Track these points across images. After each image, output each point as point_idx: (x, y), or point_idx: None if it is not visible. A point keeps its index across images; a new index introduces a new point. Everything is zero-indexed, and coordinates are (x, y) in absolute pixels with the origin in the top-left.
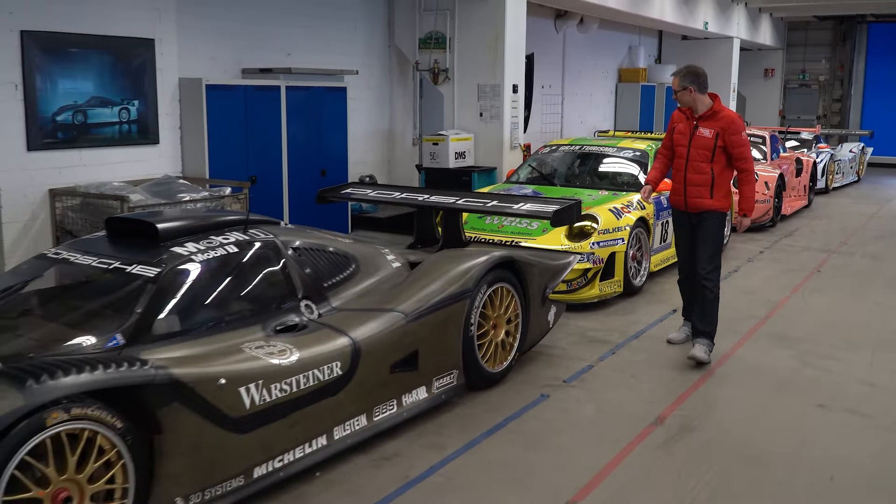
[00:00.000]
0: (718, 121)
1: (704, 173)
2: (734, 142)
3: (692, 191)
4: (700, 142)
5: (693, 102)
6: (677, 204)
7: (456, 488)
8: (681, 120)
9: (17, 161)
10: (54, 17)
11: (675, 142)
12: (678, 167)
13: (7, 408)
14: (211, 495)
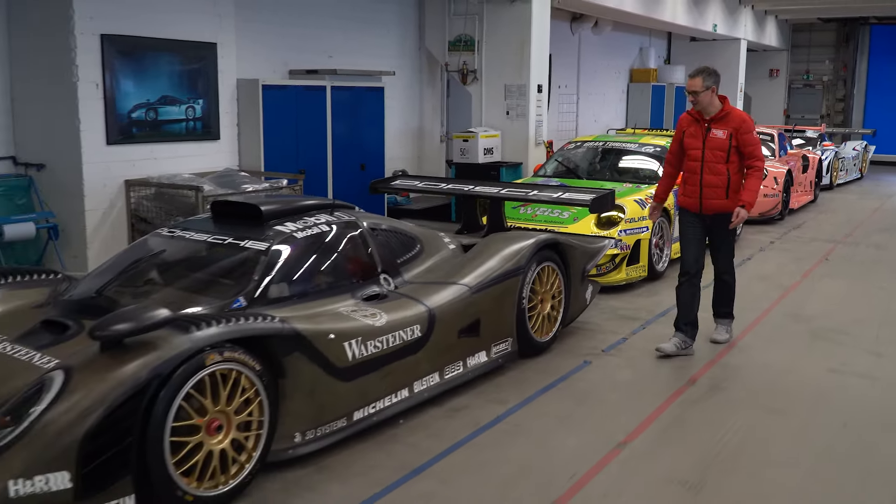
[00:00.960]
0: (730, 121)
1: (721, 174)
2: (747, 140)
3: (709, 192)
4: (715, 143)
5: (709, 104)
6: (690, 206)
7: (521, 433)
8: (690, 123)
9: (97, 154)
10: (130, 22)
11: (686, 146)
12: (692, 170)
13: (177, 349)
14: (321, 433)
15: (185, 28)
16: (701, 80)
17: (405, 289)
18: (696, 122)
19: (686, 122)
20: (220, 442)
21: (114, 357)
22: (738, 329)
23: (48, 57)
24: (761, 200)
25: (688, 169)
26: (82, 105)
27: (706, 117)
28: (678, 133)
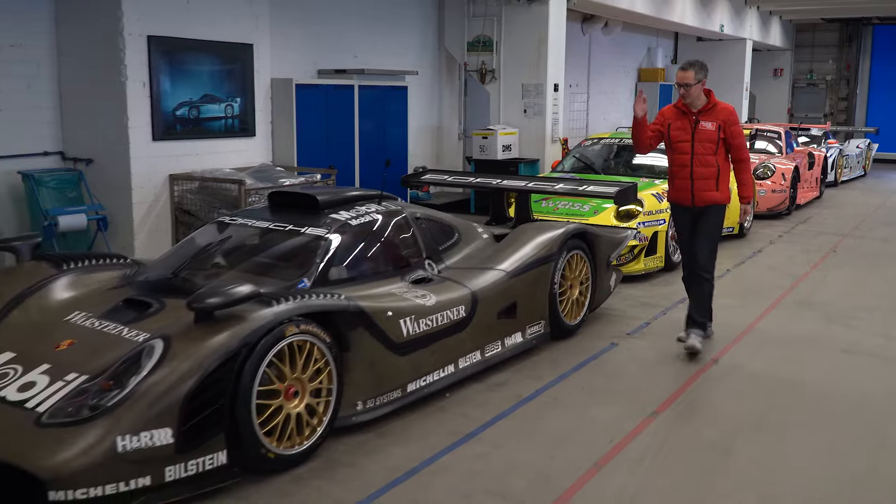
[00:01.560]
0: (718, 113)
1: (711, 166)
2: (734, 132)
3: (700, 184)
4: (704, 135)
5: (697, 97)
6: (682, 200)
7: (559, 405)
8: (675, 117)
9: (144, 150)
10: (174, 24)
11: (673, 139)
12: (682, 163)
13: (261, 321)
14: (380, 402)
15: (225, 30)
16: (693, 73)
17: (447, 273)
18: (684, 115)
19: (672, 115)
20: (296, 406)
21: (208, 327)
22: (754, 314)
23: (97, 57)
24: (769, 196)
25: (677, 163)
26: (130, 103)
27: (694, 110)
28: (659, 122)
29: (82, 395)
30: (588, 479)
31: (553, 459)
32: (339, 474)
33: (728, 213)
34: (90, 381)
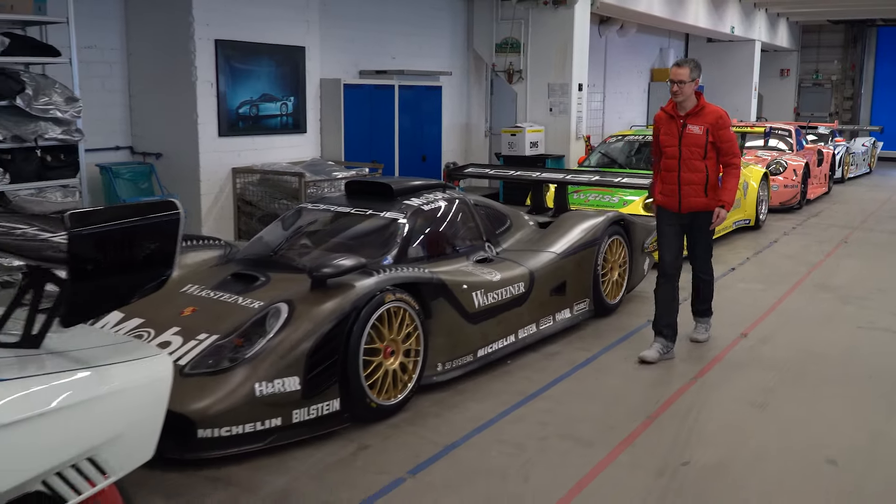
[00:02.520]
0: (706, 116)
1: (699, 171)
2: (724, 136)
3: (687, 190)
4: (691, 139)
5: (688, 98)
6: (669, 206)
7: (609, 371)
8: (665, 120)
9: (211, 145)
10: (237, 29)
11: (662, 143)
12: (670, 168)
13: (367, 288)
14: (455, 365)
15: (280, 33)
16: (688, 70)
17: (505, 255)
18: (671, 118)
19: (661, 119)
20: (392, 364)
21: (323, 293)
22: (776, 295)
23: (169, 59)
24: (782, 191)
25: (665, 167)
26: (200, 102)
27: (681, 113)
28: (656, 131)
29: (218, 350)
30: (645, 428)
31: (611, 413)
32: (428, 423)
33: (743, 206)
34: (221, 339)
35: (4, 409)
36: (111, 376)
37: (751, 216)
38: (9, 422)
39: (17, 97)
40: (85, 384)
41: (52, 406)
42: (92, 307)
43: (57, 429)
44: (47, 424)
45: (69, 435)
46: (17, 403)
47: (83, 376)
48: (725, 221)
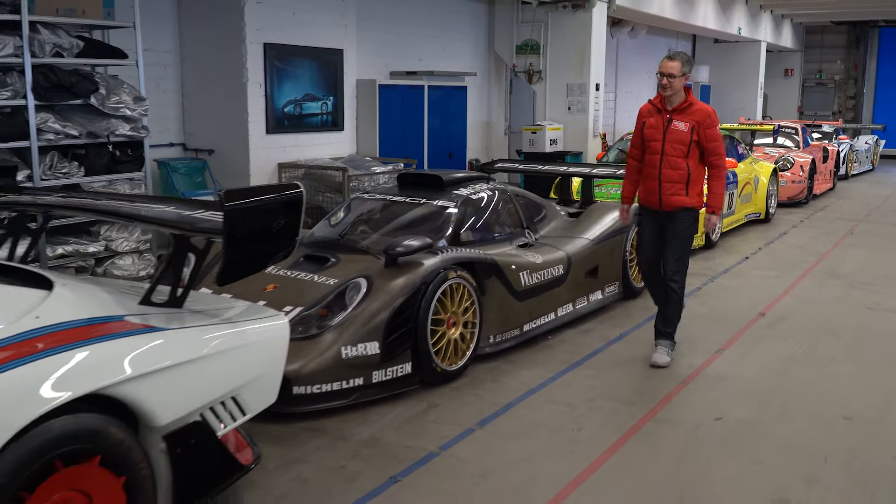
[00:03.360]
0: (693, 114)
1: (680, 169)
2: (710, 136)
3: (667, 187)
4: (675, 136)
5: (677, 92)
6: (650, 203)
7: (642, 344)
8: (651, 114)
9: (260, 141)
10: (283, 33)
11: (646, 136)
12: (651, 163)
13: (433, 266)
14: (505, 337)
15: (322, 37)
16: (679, 64)
17: (543, 241)
18: (658, 112)
19: (647, 112)
20: (454, 334)
21: (396, 270)
22: (789, 281)
23: (221, 62)
24: (790, 186)
25: (647, 163)
26: (250, 101)
27: (669, 108)
28: (639, 125)
29: (305, 319)
30: (679, 391)
31: (648, 379)
32: (486, 386)
33: (754, 199)
34: (306, 310)
35: (178, 350)
36: (247, 332)
37: (761, 210)
38: (180, 361)
39: (91, 96)
40: (230, 337)
41: (208, 351)
42: (241, 269)
43: (212, 370)
44: (205, 366)
45: (220, 376)
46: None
47: (228, 331)
48: (737, 214)
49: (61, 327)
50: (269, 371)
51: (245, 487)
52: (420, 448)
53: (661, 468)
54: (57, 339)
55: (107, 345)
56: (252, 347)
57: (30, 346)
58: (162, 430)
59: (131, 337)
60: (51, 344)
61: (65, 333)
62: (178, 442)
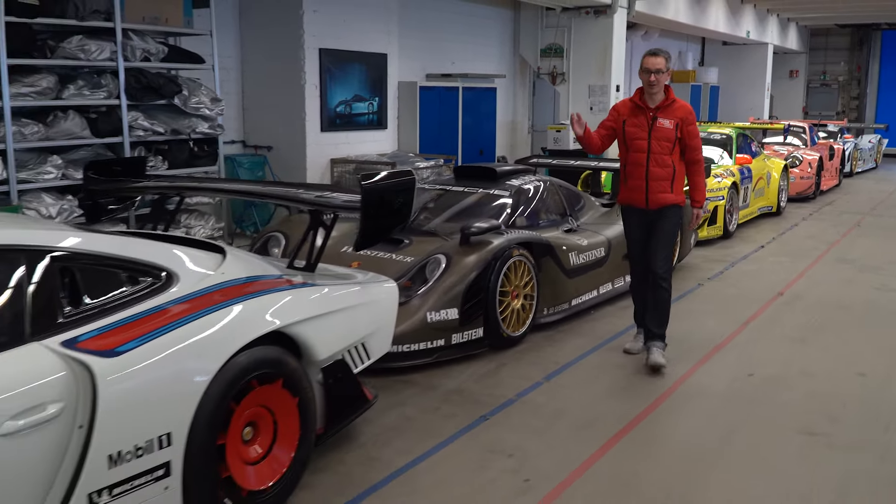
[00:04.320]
0: (676, 111)
1: (667, 166)
2: (692, 132)
3: (655, 185)
4: (661, 133)
5: (660, 90)
6: (636, 202)
7: (675, 319)
8: (631, 113)
9: (315, 138)
10: (336, 39)
11: (629, 135)
12: (637, 162)
13: (501, 244)
14: (556, 311)
15: (369, 42)
16: (664, 60)
17: (584, 227)
18: (640, 110)
19: (627, 109)
20: (516, 304)
21: (470, 248)
22: (802, 266)
23: (280, 66)
24: (798, 182)
25: (632, 162)
26: (307, 102)
27: (651, 105)
28: (613, 118)
29: None
30: (714, 353)
31: (685, 344)
32: (545, 350)
33: (767, 194)
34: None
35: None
36: (371, 291)
37: (773, 203)
38: (331, 310)
39: (175, 97)
40: (361, 294)
41: (347, 305)
42: (372, 238)
43: (350, 320)
44: (347, 316)
45: (356, 325)
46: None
47: (358, 288)
48: (751, 207)
49: (241, 281)
50: (385, 324)
51: (363, 422)
52: (499, 395)
53: (707, 408)
54: (242, 289)
55: (280, 294)
56: (375, 304)
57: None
58: (319, 364)
59: (295, 290)
60: (240, 293)
61: (246, 286)
62: (330, 374)
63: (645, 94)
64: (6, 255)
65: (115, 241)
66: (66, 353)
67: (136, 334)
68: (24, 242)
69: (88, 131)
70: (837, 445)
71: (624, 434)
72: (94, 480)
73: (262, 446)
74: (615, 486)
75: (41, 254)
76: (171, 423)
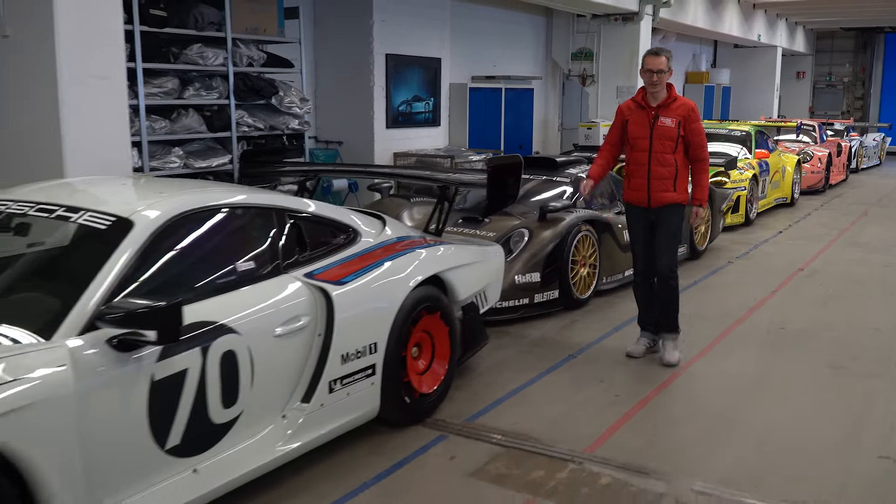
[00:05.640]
0: (678, 109)
1: (669, 165)
2: (696, 129)
3: (657, 184)
4: (663, 132)
5: (662, 89)
6: (638, 201)
7: (714, 287)
8: (633, 112)
9: (381, 135)
10: (399, 45)
11: (631, 135)
12: (639, 161)
13: (572, 220)
14: (613, 280)
15: (426, 48)
16: (666, 59)
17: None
18: (642, 109)
19: (629, 110)
20: (583, 272)
21: (547, 223)
22: (818, 248)
23: (350, 70)
24: (810, 176)
25: (634, 161)
26: (375, 102)
27: (653, 104)
28: (619, 121)
29: None
30: (750, 314)
31: (724, 307)
32: (607, 310)
33: (782, 186)
34: None
35: (464, 255)
36: (487, 251)
37: (787, 195)
38: (466, 263)
39: (272, 98)
40: (481, 252)
41: (474, 259)
42: (494, 208)
43: (477, 271)
44: (475, 267)
45: (480, 276)
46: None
47: (478, 248)
48: (768, 198)
49: (403, 238)
50: (496, 279)
51: (478, 358)
52: (579, 342)
53: (751, 350)
54: (407, 244)
55: (433, 248)
56: (490, 262)
57: (398, 247)
58: (460, 303)
59: (440, 246)
60: (406, 246)
61: (410, 242)
62: (466, 312)
63: (647, 93)
64: (265, 212)
65: (323, 206)
66: (308, 282)
67: (351, 270)
68: (274, 204)
69: (205, 127)
70: (859, 374)
71: (686, 368)
72: (332, 372)
73: (425, 361)
74: (686, 402)
75: (284, 212)
76: (376, 336)
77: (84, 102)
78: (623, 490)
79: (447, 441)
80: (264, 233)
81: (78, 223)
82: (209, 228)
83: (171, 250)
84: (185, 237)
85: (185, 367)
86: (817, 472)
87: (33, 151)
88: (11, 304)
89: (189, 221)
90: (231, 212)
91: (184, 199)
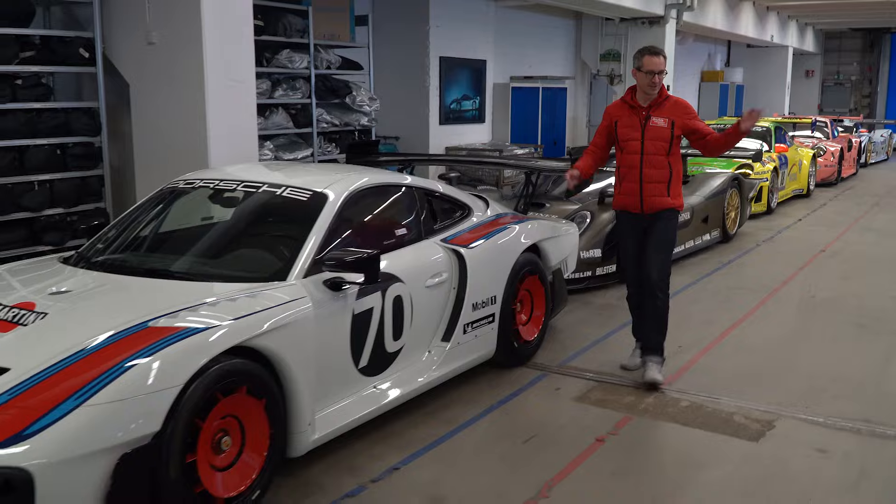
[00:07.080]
0: (671, 108)
1: (663, 168)
2: (696, 126)
3: (650, 188)
4: (655, 133)
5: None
6: (630, 206)
7: (745, 266)
8: (623, 112)
9: (435, 131)
10: (451, 48)
11: (621, 136)
12: (630, 164)
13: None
14: None
15: (474, 50)
16: (664, 59)
17: None
18: (632, 109)
19: (618, 110)
20: None
21: (605, 206)
22: (837, 233)
23: (406, 71)
24: (823, 169)
25: (625, 164)
26: (430, 101)
27: (644, 104)
28: (607, 122)
29: None
30: (782, 286)
31: (759, 282)
32: None
33: (799, 178)
34: None
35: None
36: (564, 227)
37: (804, 187)
38: (553, 235)
39: (346, 97)
40: (562, 228)
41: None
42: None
43: (561, 243)
44: (559, 240)
45: (563, 247)
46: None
47: (559, 225)
48: (786, 189)
49: (503, 215)
50: (572, 252)
51: (557, 319)
52: None
53: (787, 314)
54: (509, 219)
55: (528, 223)
56: (568, 235)
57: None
58: (551, 269)
59: (533, 221)
60: (509, 221)
61: (512, 217)
62: (555, 276)
63: (638, 93)
64: (412, 190)
65: (447, 187)
66: (445, 246)
67: (476, 237)
68: (418, 184)
69: (291, 123)
70: (881, 332)
71: (736, 326)
72: (466, 317)
73: (526, 315)
74: (739, 350)
75: (423, 191)
76: (496, 290)
77: (224, 103)
78: (700, 409)
79: (549, 378)
80: (413, 206)
81: (283, 196)
82: (378, 201)
83: (353, 218)
84: (363, 208)
85: (371, 305)
86: (857, 394)
87: (181, 144)
88: (242, 257)
89: (365, 196)
90: (391, 189)
91: (359, 177)
